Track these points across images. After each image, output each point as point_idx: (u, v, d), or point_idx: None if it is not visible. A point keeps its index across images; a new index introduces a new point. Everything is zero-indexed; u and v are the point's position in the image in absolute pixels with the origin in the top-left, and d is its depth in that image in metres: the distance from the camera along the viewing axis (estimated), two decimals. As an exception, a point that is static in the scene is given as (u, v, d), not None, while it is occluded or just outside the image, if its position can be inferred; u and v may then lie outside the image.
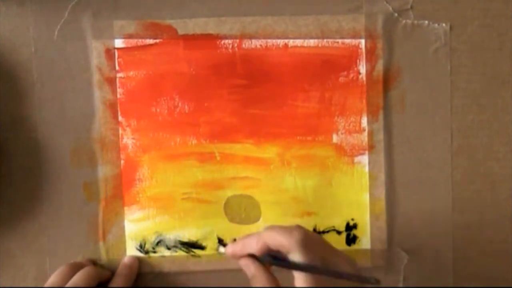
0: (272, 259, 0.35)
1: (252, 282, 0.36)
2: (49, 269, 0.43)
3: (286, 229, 0.34)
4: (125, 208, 0.44)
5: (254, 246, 0.35)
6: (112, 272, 0.43)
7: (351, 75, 0.44)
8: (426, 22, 0.43)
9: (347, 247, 0.44)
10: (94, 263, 0.44)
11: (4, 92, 0.43)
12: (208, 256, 0.44)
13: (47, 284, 0.40)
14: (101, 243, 0.44)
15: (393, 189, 0.44)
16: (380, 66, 0.43)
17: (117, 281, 0.42)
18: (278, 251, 0.34)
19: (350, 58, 0.44)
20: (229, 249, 0.37)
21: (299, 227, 0.35)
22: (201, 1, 0.43)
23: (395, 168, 0.44)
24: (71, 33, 0.43)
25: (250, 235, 0.37)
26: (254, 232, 0.37)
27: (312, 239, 0.34)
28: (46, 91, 0.43)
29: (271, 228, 0.35)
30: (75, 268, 0.41)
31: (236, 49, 0.43)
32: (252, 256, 0.36)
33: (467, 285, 0.44)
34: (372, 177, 0.44)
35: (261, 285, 0.35)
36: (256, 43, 0.43)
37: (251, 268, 0.36)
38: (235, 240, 0.44)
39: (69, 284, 0.40)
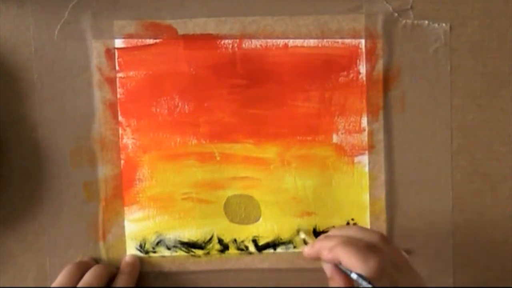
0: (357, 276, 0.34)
1: (330, 283, 0.38)
2: (49, 269, 0.43)
3: (362, 254, 0.34)
4: (125, 208, 0.44)
5: (326, 254, 0.36)
6: (117, 268, 0.43)
7: (351, 75, 0.44)
8: (426, 22, 0.43)
9: (347, 247, 0.44)
10: (96, 262, 0.44)
11: (4, 92, 0.43)
12: (208, 256, 0.44)
13: (55, 283, 0.40)
14: (101, 243, 0.44)
15: (393, 189, 0.44)
16: (380, 66, 0.43)
17: (121, 279, 0.42)
18: None
19: (350, 58, 0.44)
20: (306, 252, 0.39)
21: (376, 253, 0.34)
22: (201, 1, 0.43)
23: (395, 168, 0.44)
24: (71, 33, 0.43)
25: (327, 239, 0.37)
26: (331, 237, 0.37)
27: (388, 266, 0.34)
28: (46, 91, 0.43)
29: (349, 245, 0.35)
30: (82, 267, 0.41)
31: (236, 49, 0.43)
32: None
33: (467, 285, 0.44)
34: (372, 177, 0.44)
35: (337, 285, 0.37)
36: (256, 43, 0.43)
37: (329, 271, 0.37)
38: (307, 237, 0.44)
39: (82, 284, 0.40)
